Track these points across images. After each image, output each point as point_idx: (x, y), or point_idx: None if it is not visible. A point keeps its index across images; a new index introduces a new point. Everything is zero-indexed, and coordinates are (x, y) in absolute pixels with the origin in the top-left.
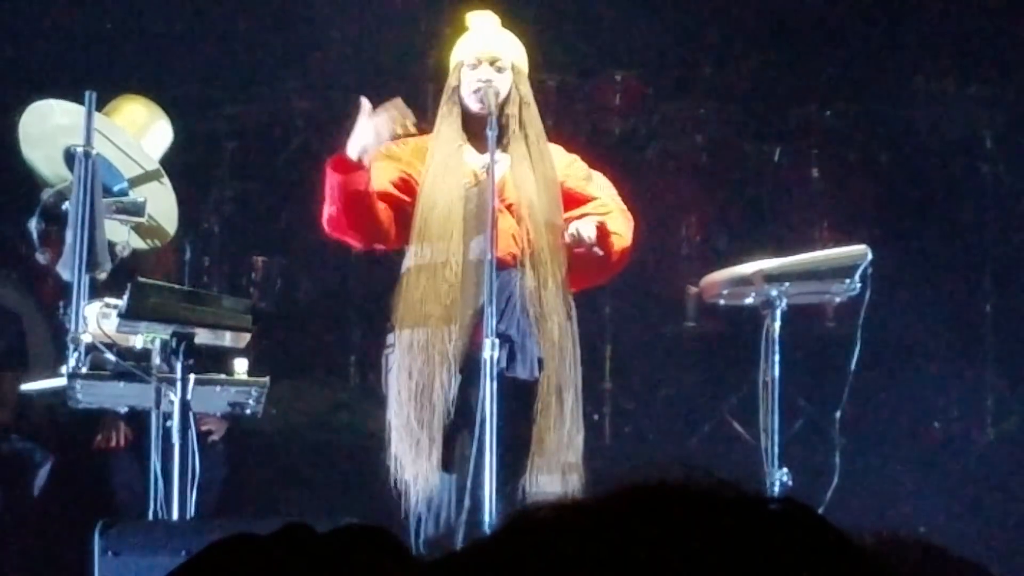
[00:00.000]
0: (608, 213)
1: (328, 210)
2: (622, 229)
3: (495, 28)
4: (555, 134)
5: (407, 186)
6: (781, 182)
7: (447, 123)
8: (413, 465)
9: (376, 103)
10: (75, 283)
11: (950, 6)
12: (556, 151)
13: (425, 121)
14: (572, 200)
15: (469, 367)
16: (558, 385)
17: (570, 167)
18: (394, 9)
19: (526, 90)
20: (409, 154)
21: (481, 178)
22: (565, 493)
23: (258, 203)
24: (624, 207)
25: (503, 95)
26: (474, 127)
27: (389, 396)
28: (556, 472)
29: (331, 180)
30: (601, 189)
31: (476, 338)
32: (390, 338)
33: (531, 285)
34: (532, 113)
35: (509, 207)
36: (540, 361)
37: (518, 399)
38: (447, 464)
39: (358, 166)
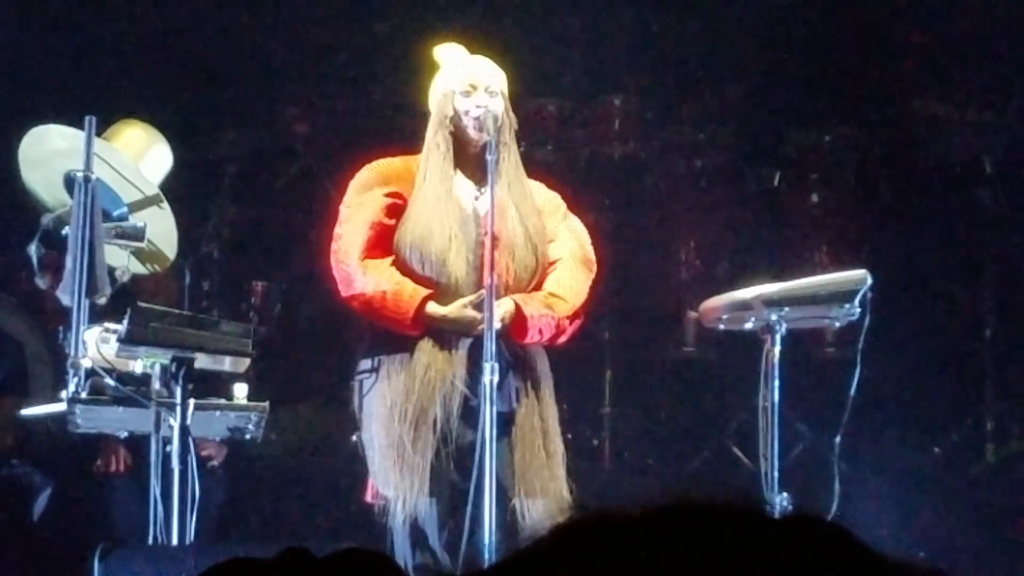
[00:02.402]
0: (556, 262)
1: (360, 300)
2: (567, 291)
3: (474, 56)
4: (554, 158)
5: (396, 209)
6: (780, 207)
7: (437, 154)
8: (399, 486)
9: (374, 128)
10: (75, 308)
11: (949, 31)
12: (538, 187)
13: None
14: None
15: (458, 396)
16: (538, 413)
17: (548, 203)
18: (393, 36)
19: (512, 115)
20: (399, 176)
21: (465, 211)
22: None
23: (258, 228)
24: (588, 256)
25: (499, 121)
26: (467, 155)
27: (368, 417)
28: (543, 497)
29: (394, 317)
30: (572, 232)
31: (468, 368)
32: (365, 363)
33: (488, 321)
34: (513, 139)
35: (494, 241)
36: (518, 392)
37: (498, 429)
38: (431, 489)
39: (420, 328)
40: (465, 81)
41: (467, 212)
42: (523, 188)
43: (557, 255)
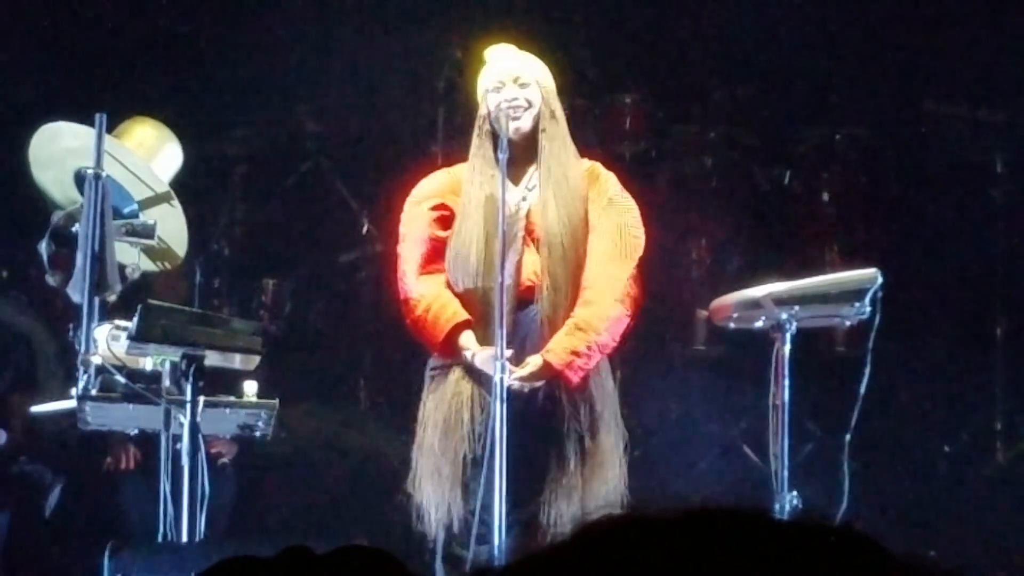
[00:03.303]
0: (588, 259)
1: (410, 316)
2: (593, 314)
3: (514, 52)
4: None
5: (445, 221)
6: (791, 206)
7: (479, 155)
8: (434, 492)
9: (385, 126)
10: (85, 305)
11: (960, 30)
12: (590, 170)
13: (437, 145)
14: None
15: (488, 406)
16: (574, 420)
17: (594, 189)
18: (405, 34)
19: (556, 105)
20: (447, 187)
21: (509, 211)
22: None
23: (268, 225)
24: (627, 245)
25: (534, 111)
26: (510, 153)
27: (420, 419)
28: (567, 503)
29: (429, 337)
30: (611, 221)
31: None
32: (434, 361)
33: (547, 319)
34: (561, 129)
35: (535, 240)
36: (551, 398)
37: (536, 435)
38: (463, 496)
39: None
40: (495, 78)
41: (511, 212)
42: (567, 177)
43: (590, 248)
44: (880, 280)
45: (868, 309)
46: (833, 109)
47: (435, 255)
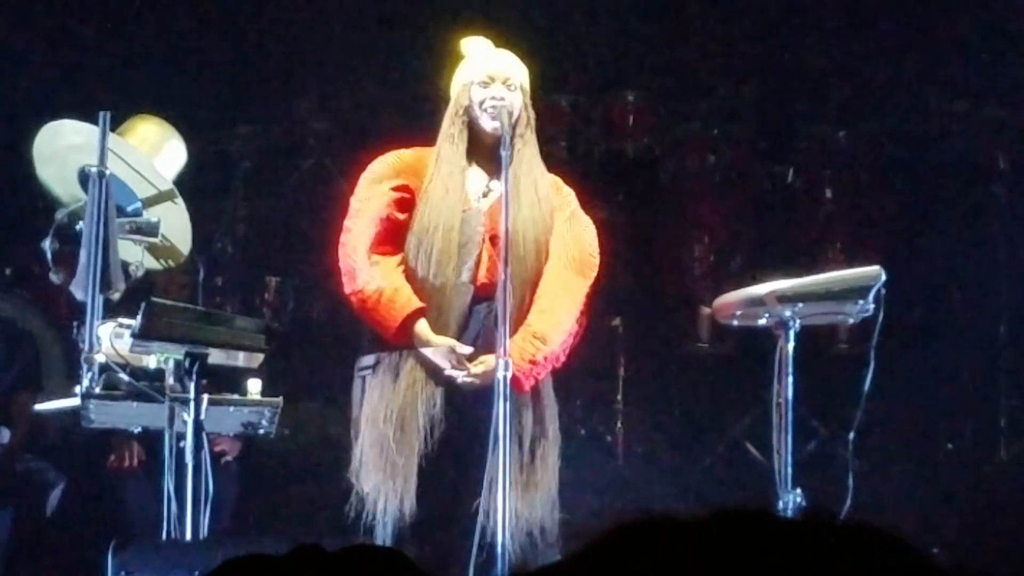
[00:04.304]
0: (547, 269)
1: (359, 297)
2: (552, 323)
3: (498, 49)
4: (568, 155)
5: (405, 203)
6: (794, 203)
7: (451, 145)
8: (382, 486)
9: (388, 122)
10: (89, 303)
11: (963, 27)
12: (553, 182)
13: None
14: None
15: (450, 394)
16: (518, 423)
17: (558, 199)
18: (408, 30)
19: (531, 111)
20: (410, 168)
21: (471, 205)
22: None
23: (271, 223)
24: (587, 260)
25: (515, 115)
26: (481, 147)
27: (360, 417)
28: (509, 505)
29: (382, 322)
30: (572, 233)
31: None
32: (367, 359)
33: (502, 316)
34: (533, 136)
35: (494, 237)
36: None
37: (477, 435)
38: (416, 491)
39: (403, 340)
40: (484, 72)
41: (473, 207)
42: (534, 183)
43: (551, 256)
44: (883, 277)
45: (871, 306)
46: (836, 106)
47: (390, 237)
